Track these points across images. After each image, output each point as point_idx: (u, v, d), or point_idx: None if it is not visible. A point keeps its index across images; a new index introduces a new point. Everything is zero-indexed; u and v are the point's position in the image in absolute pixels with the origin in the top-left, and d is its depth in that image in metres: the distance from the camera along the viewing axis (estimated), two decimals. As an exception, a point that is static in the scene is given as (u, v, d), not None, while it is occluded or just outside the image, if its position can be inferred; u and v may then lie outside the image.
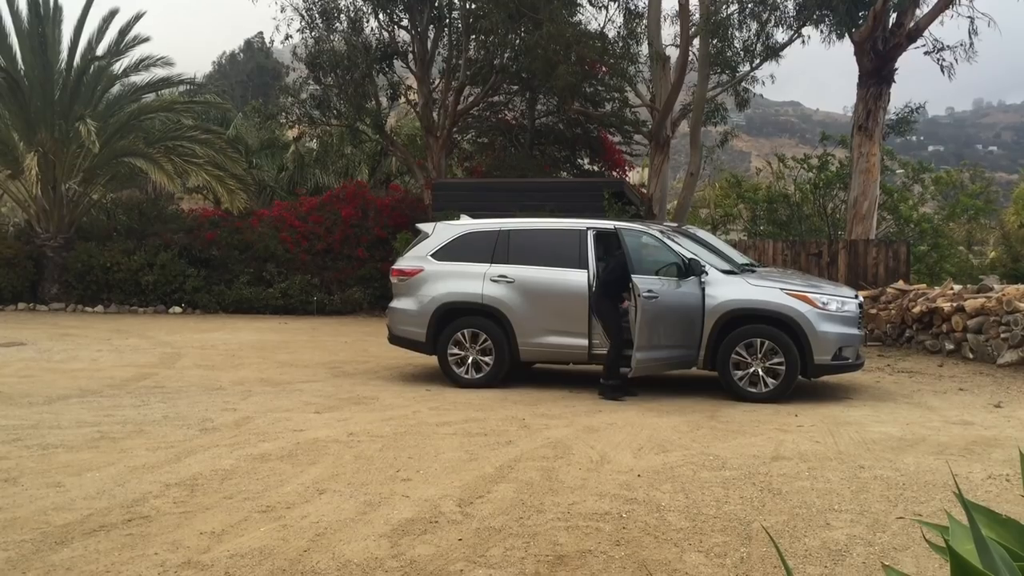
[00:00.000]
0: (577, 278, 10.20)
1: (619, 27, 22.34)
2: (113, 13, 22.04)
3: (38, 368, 11.76)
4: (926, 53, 19.35)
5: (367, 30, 24.17)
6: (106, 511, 5.47)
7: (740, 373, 9.68)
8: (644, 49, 22.12)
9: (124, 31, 21.95)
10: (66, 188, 21.08)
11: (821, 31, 20.75)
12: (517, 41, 22.07)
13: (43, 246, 21.08)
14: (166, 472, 6.37)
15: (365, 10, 23.87)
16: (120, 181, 23.19)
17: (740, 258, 11.74)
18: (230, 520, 5.30)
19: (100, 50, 21.88)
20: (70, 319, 19.00)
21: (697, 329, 9.74)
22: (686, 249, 10.13)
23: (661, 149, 21.20)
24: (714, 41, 20.66)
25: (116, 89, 23.66)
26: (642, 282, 9.43)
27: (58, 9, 21.63)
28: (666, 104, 20.48)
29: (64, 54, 21.75)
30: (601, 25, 23.41)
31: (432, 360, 11.03)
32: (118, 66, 22.44)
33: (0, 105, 21.16)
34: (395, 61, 24.58)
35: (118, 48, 21.98)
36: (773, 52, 21.39)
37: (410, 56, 24.25)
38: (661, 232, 10.55)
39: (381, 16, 24.06)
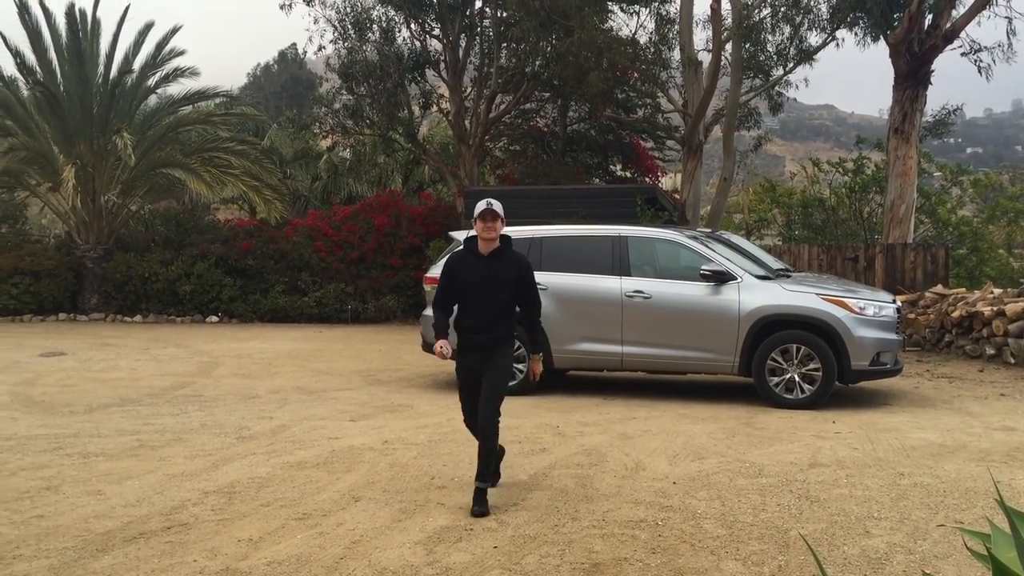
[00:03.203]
0: (611, 285, 10.17)
1: (651, 33, 22.30)
2: (149, 26, 22.41)
3: (79, 377, 11.94)
4: (963, 54, 19.10)
5: (399, 40, 24.34)
6: (146, 519, 5.54)
7: (776, 379, 9.59)
8: (676, 54, 22.04)
9: (161, 44, 22.29)
10: (105, 200, 21.42)
11: (855, 34, 20.57)
12: (548, 48, 22.07)
13: (83, 257, 21.42)
14: (204, 480, 6.44)
15: (397, 20, 24.04)
16: (158, 192, 23.52)
17: (775, 263, 11.66)
18: (267, 527, 5.34)
19: (137, 64, 22.28)
20: (109, 329, 19.28)
21: (726, 333, 9.67)
22: (719, 254, 10.09)
23: (694, 154, 21.11)
24: (747, 45, 20.53)
25: (154, 101, 24.03)
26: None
27: (96, 23, 22.01)
28: (699, 109, 20.39)
29: (101, 68, 22.11)
30: (632, 31, 23.34)
31: (466, 367, 11.02)
32: (153, 79, 22.78)
33: (40, 119, 21.55)
34: (427, 70, 24.70)
35: (155, 61, 22.32)
36: (807, 55, 21.20)
37: (442, 65, 24.35)
38: (693, 238, 10.50)
39: (413, 26, 24.21)
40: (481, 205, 5.78)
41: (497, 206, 5.78)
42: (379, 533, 5.25)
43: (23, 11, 21.27)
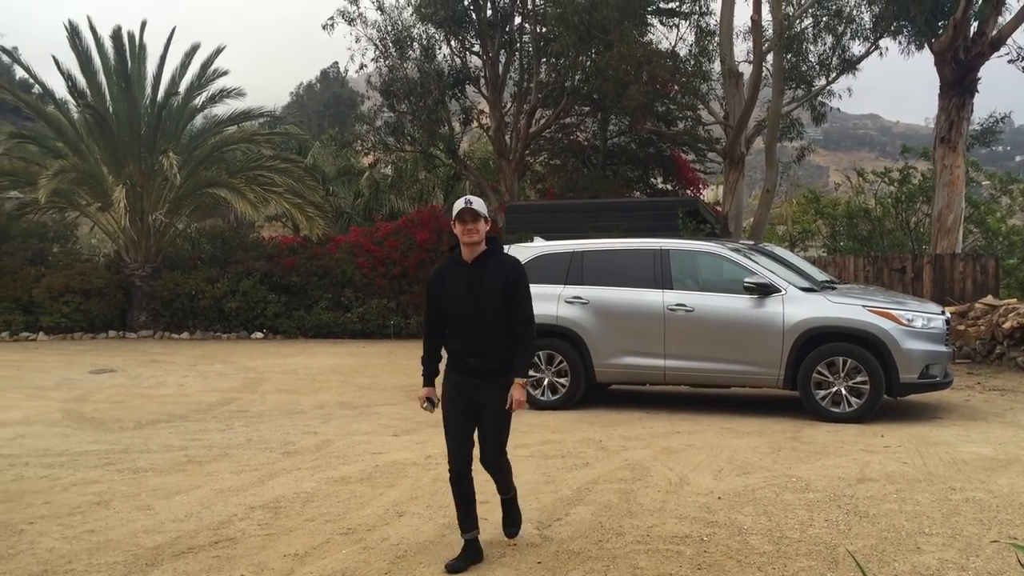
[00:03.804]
0: (653, 298, 10.12)
1: (690, 45, 22.26)
2: (195, 48, 22.83)
3: (128, 394, 12.14)
4: (1010, 61, 18.79)
5: (439, 57, 24.56)
6: (194, 533, 5.60)
7: (822, 392, 9.46)
8: (716, 66, 21.98)
9: (206, 66, 22.69)
10: (153, 219, 21.81)
11: (899, 42, 20.34)
12: (588, 63, 22.13)
13: (132, 275, 21.81)
14: (250, 495, 6.50)
15: (437, 38, 24.26)
16: (204, 211, 23.89)
17: (820, 275, 11.52)
18: (312, 542, 5.38)
19: (183, 85, 22.67)
20: (157, 346, 19.58)
21: (770, 346, 9.58)
22: (762, 266, 10.01)
23: (736, 166, 20.98)
24: (788, 56, 20.41)
25: (199, 122, 24.44)
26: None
27: (143, 47, 22.47)
28: (740, 121, 20.28)
29: (149, 90, 22.56)
30: (672, 44, 23.31)
31: (508, 382, 11.02)
32: (199, 100, 23.20)
33: (90, 141, 22.04)
34: (467, 86, 24.89)
35: (200, 83, 22.72)
36: (850, 65, 21.01)
37: (482, 81, 24.51)
38: (736, 250, 10.43)
39: (453, 43, 24.42)
40: (459, 204, 4.93)
41: (478, 204, 4.94)
42: (423, 548, 5.26)
43: (73, 35, 21.80)
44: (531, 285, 10.51)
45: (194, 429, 9.35)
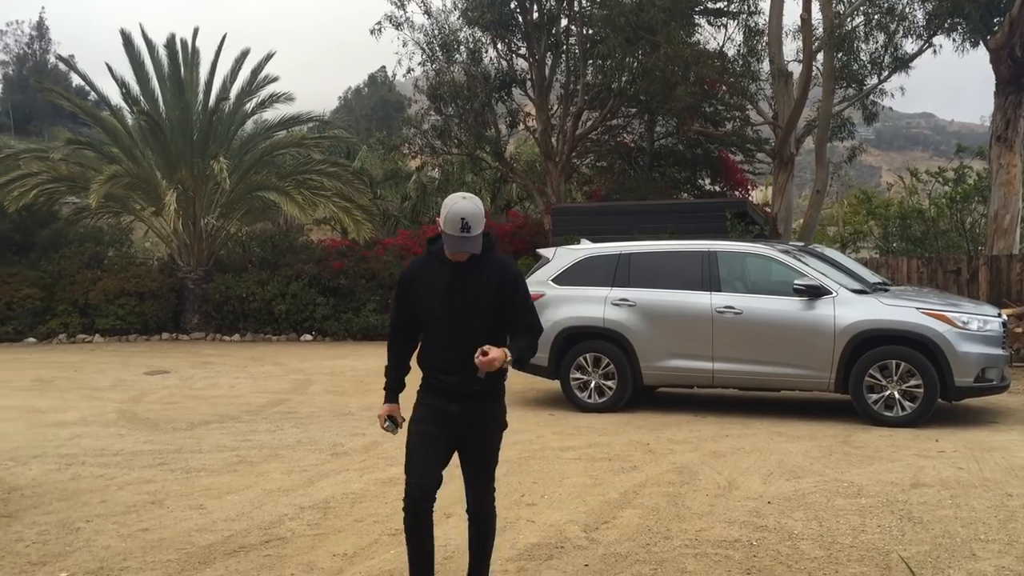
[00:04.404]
0: (701, 300, 10.05)
1: (739, 45, 22.04)
2: (245, 54, 23.12)
3: (181, 395, 12.35)
4: (1069, 57, 18.29)
5: (486, 60, 24.61)
6: (245, 532, 5.68)
7: (874, 396, 9.31)
8: (765, 66, 21.72)
9: (256, 71, 22.98)
10: (204, 223, 22.17)
11: (953, 40, 19.91)
12: (635, 64, 22.02)
13: (184, 278, 22.19)
14: (300, 495, 6.57)
15: (484, 41, 24.31)
16: (254, 214, 24.22)
17: (872, 277, 11.34)
18: (361, 543, 5.43)
19: (233, 91, 22.97)
20: (209, 348, 19.89)
21: (821, 349, 9.46)
22: (813, 268, 9.88)
23: (785, 167, 20.74)
24: (839, 55, 20.11)
25: (250, 127, 24.78)
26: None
27: (195, 52, 22.83)
28: (789, 121, 20.05)
29: (200, 95, 22.92)
30: (720, 44, 23.08)
31: (555, 385, 11.04)
32: (249, 105, 23.51)
33: (143, 146, 22.47)
34: (513, 89, 24.90)
35: (250, 88, 23.01)
36: (902, 63, 20.65)
37: (528, 83, 24.53)
38: (785, 251, 10.31)
39: (500, 46, 24.46)
40: (454, 215, 3.90)
41: (475, 218, 3.91)
42: (470, 550, 5.27)
43: (127, 42, 22.24)
44: (578, 287, 10.67)
45: (245, 430, 9.48)
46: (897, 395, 9.21)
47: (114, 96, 34.62)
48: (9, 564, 5.10)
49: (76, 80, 41.90)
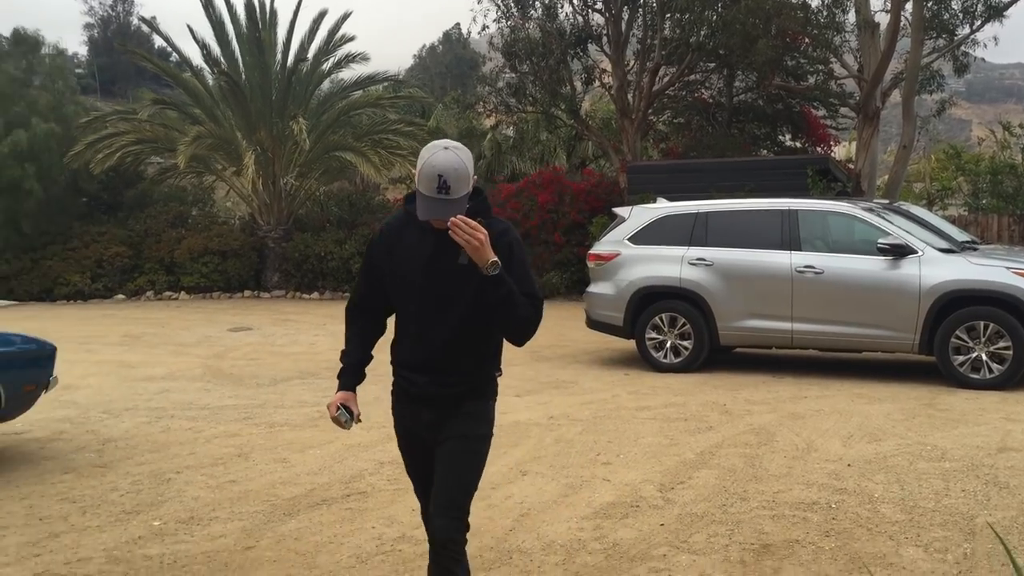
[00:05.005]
0: (780, 260, 9.87)
1: (822, -5, 21.29)
2: (322, 14, 23.29)
3: (263, 351, 12.67)
4: None
5: (561, 16, 24.28)
6: (327, 486, 5.84)
7: (960, 358, 9.05)
8: (851, 17, 20.97)
9: (333, 32, 23.16)
10: (284, 182, 22.56)
11: (1052, -15, 18.94)
12: (714, 17, 21.49)
13: (265, 237, 22.67)
14: (379, 451, 6.71)
15: (559, -4, 23.98)
16: (331, 174, 24.53)
17: (960, 235, 10.97)
18: (438, 498, 5.52)
19: (311, 51, 23.20)
20: (289, 305, 20.33)
21: (905, 310, 9.22)
22: (897, 227, 9.61)
23: (870, 121, 20.09)
24: (929, 3, 19.31)
25: (327, 87, 25.02)
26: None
27: (273, 14, 23.09)
28: (875, 74, 19.38)
29: (279, 56, 23.21)
30: (803, -5, 22.34)
31: (630, 344, 11.01)
32: (326, 65, 23.75)
33: (224, 106, 22.90)
34: (589, 45, 24.55)
35: (327, 48, 23.22)
36: (996, 11, 19.72)
37: (604, 39, 24.15)
38: (869, 209, 10.04)
39: (575, 1, 24.11)
40: (429, 168, 2.94)
41: (455, 174, 2.94)
42: (546, 507, 5.33)
43: (208, 5, 22.59)
44: (654, 247, 10.57)
45: (325, 386, 9.69)
46: (984, 357, 8.94)
47: (195, 57, 35.28)
48: (106, 513, 5.34)
49: (158, 42, 42.90)
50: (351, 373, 3.59)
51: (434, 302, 3.19)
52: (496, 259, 2.97)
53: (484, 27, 25.22)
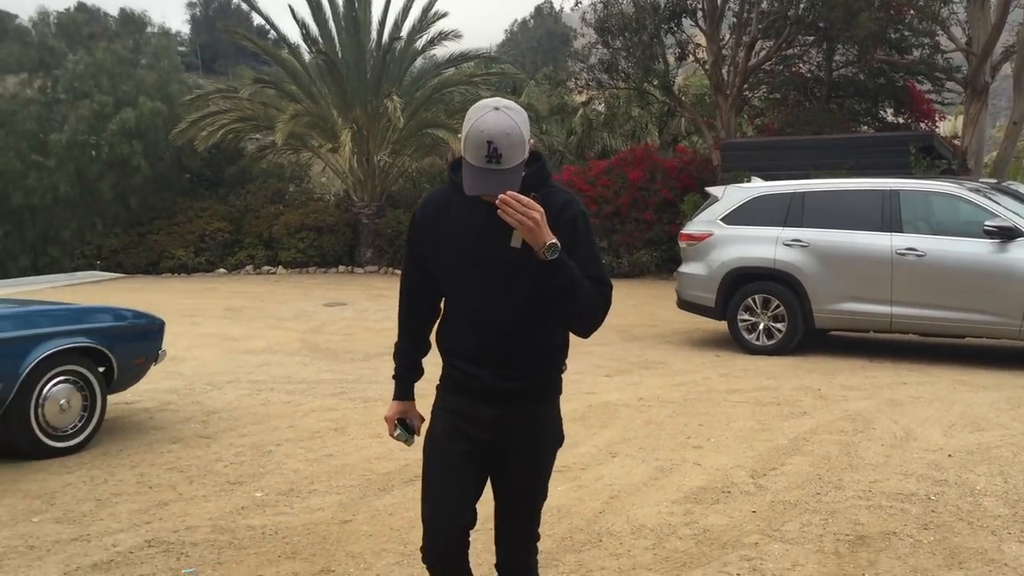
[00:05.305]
0: (880, 241, 9.60)
1: (930, -35, 20.46)
2: (417, -9, 23.47)
3: (357, 327, 12.95)
4: None
5: (655, -10, 23.92)
6: (419, 463, 5.94)
7: (1072, 346, 8.71)
8: (959, -13, 20.14)
9: (426, 9, 23.32)
10: (378, 159, 22.91)
11: None
12: (814, -11, 20.89)
13: (359, 213, 23.10)
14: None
15: (653, -30, 23.62)
16: (423, 151, 24.79)
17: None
18: (529, 477, 5.58)
19: (405, 29, 23.42)
20: (382, 281, 20.69)
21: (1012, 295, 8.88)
22: (1006, 208, 9.24)
23: (978, 96, 19.29)
24: (1044, -28, 18.39)
25: (419, 64, 25.22)
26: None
27: (368, -8, 23.39)
28: (985, 47, 18.57)
29: (374, 34, 23.52)
30: (909, -36, 21.51)
31: (721, 326, 10.88)
32: (419, 43, 23.95)
33: (321, 84, 23.35)
34: (683, 19, 24.14)
35: (420, 26, 23.41)
36: (1118, -21, 18.67)
37: (699, 13, 23.70)
38: (975, 190, 9.68)
39: (669, -26, 23.71)
40: (478, 129, 2.54)
41: (505, 139, 2.51)
42: (636, 490, 5.35)
43: (306, -18, 23.01)
44: (748, 227, 10.41)
45: (417, 362, 9.86)
46: (1098, 346, 8.58)
47: (292, 35, 35.91)
48: (211, 483, 5.57)
49: (256, 20, 43.79)
50: (406, 378, 3.27)
51: (486, 290, 2.75)
52: (555, 241, 2.52)
53: (577, 2, 25.08)
